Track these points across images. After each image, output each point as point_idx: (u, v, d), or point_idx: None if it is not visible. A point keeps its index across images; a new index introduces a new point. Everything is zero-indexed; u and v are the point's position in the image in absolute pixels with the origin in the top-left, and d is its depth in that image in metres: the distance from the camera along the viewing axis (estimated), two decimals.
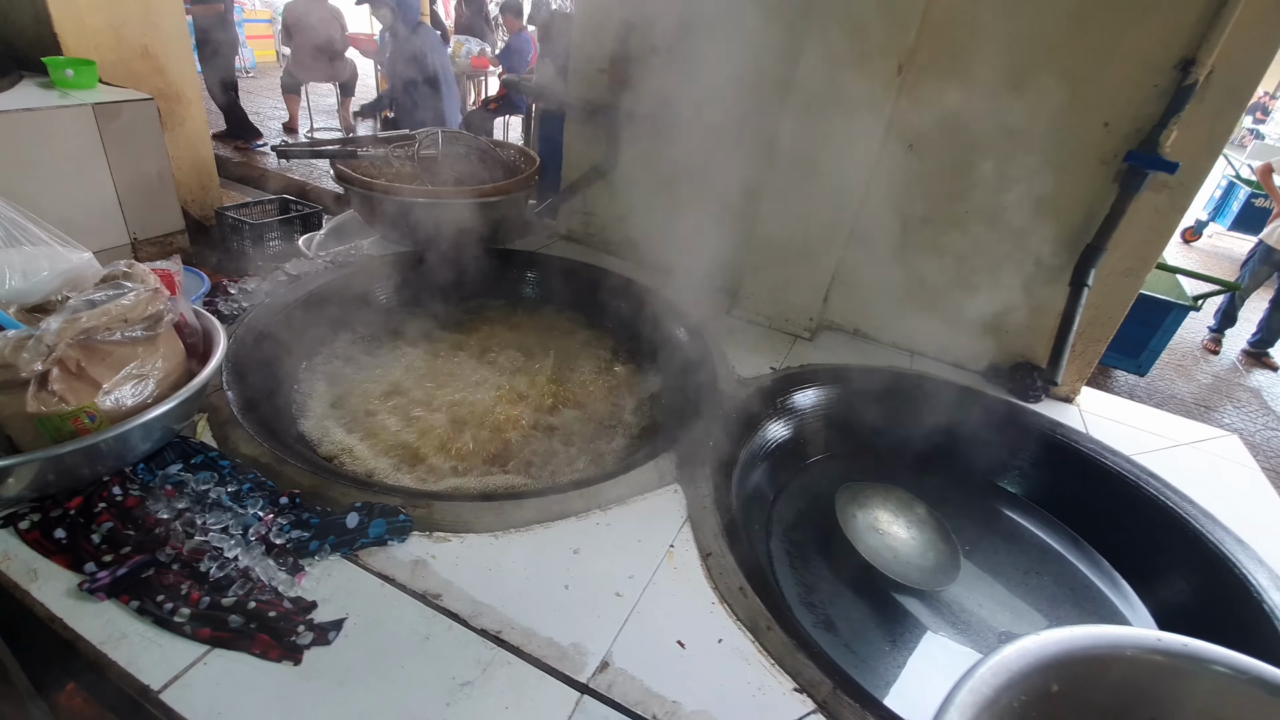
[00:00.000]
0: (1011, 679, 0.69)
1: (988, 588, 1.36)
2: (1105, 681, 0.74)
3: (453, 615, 0.91)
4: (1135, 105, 1.43)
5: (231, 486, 1.03)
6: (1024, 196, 1.58)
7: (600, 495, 1.15)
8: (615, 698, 0.84)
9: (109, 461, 1.00)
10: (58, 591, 0.87)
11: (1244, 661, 0.69)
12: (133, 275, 1.06)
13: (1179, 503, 1.41)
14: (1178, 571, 1.34)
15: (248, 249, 4.04)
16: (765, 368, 1.65)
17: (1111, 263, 1.56)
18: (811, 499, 1.48)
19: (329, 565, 0.96)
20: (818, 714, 0.86)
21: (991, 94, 1.53)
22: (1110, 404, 1.78)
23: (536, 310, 1.97)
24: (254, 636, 0.83)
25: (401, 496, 1.07)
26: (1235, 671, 0.69)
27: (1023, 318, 1.71)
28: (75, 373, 0.95)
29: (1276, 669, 0.68)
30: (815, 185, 1.67)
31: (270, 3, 9.63)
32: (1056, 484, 1.56)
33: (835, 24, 1.51)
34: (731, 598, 1.00)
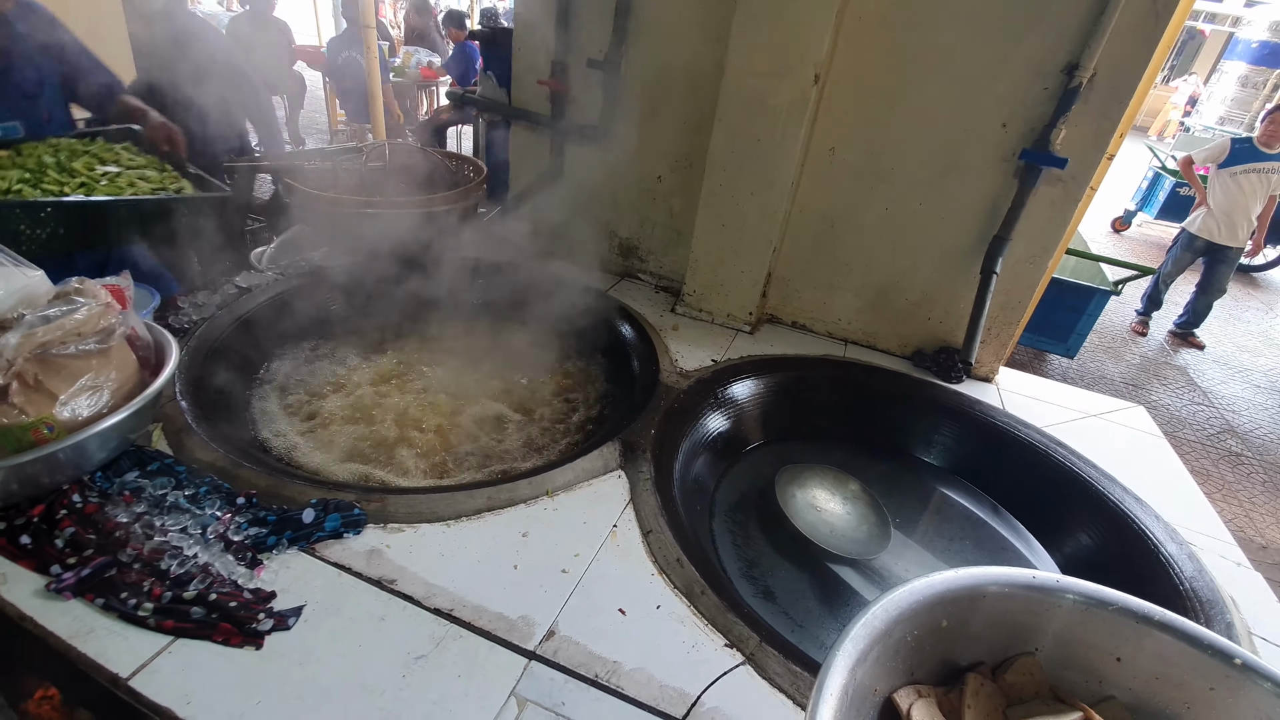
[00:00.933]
0: (902, 614, 0.79)
1: (915, 554, 1.48)
2: (983, 615, 0.85)
3: (407, 597, 0.98)
4: (1028, 107, 1.58)
5: (189, 490, 1.08)
6: (936, 193, 1.72)
7: (548, 482, 1.22)
8: (561, 661, 0.91)
9: (68, 470, 1.04)
10: (26, 593, 0.91)
11: (1090, 588, 0.80)
12: (84, 291, 1.10)
13: (1084, 468, 1.55)
14: (1083, 529, 1.48)
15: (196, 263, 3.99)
16: (707, 360, 1.75)
17: (1017, 251, 1.70)
18: (752, 482, 1.57)
19: (287, 559, 1.01)
20: (746, 665, 0.95)
21: (900, 99, 1.66)
22: (1026, 382, 1.92)
23: (488, 314, 2.03)
24: (216, 625, 0.88)
25: (355, 492, 1.13)
26: (1085, 598, 0.80)
27: (943, 305, 1.84)
28: (33, 385, 0.99)
29: (1114, 591, 0.79)
30: (746, 187, 1.78)
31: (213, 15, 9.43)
32: (976, 456, 1.69)
33: (756, 35, 1.61)
34: (669, 568, 1.08)
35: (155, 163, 1.71)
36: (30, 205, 1.39)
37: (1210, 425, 4.39)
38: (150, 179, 1.62)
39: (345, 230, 1.88)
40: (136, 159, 1.69)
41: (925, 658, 0.84)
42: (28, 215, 1.38)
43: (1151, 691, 0.80)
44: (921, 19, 1.58)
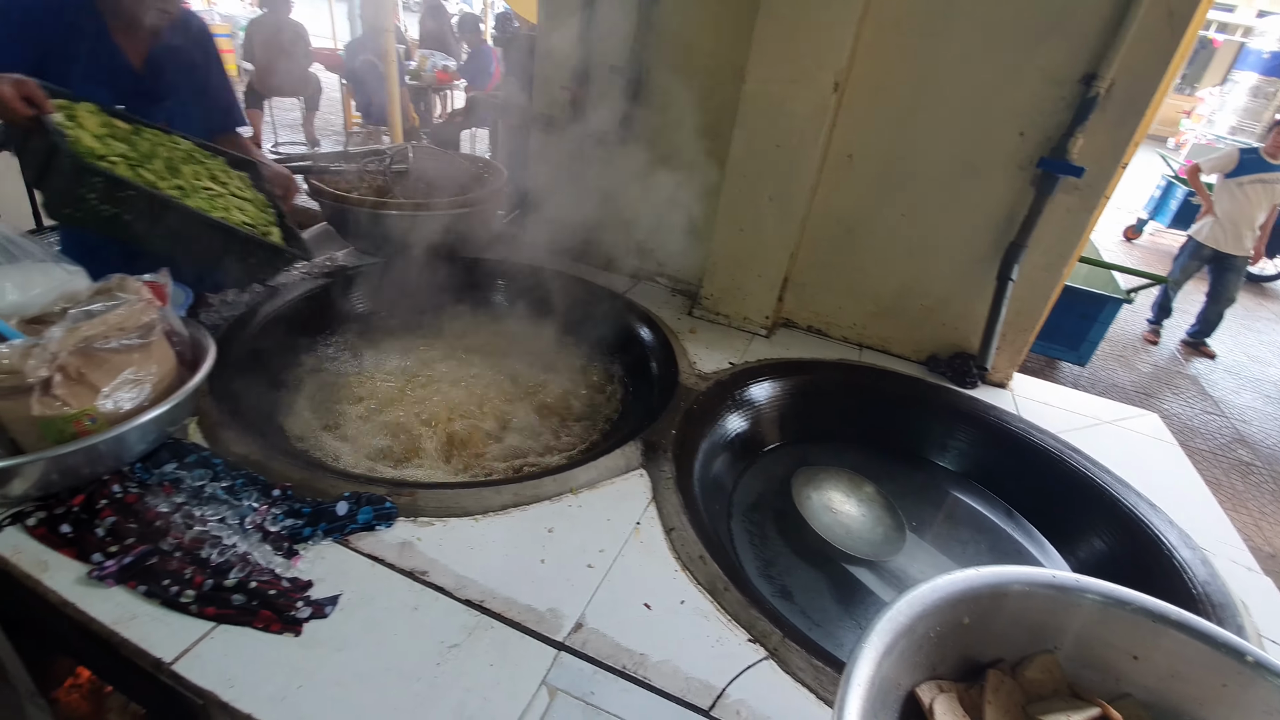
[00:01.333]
0: (925, 610, 0.81)
1: (930, 556, 1.49)
2: (1005, 613, 0.87)
3: (438, 588, 1.00)
4: (1046, 116, 1.59)
5: (225, 482, 1.11)
6: (953, 200, 1.74)
7: (572, 480, 1.25)
8: (589, 653, 0.93)
9: (108, 461, 1.07)
10: (68, 580, 0.94)
11: (1111, 588, 0.82)
12: (125, 287, 1.13)
13: (1098, 473, 1.56)
14: (1097, 534, 1.49)
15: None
16: (725, 363, 1.77)
17: (1033, 258, 1.72)
18: (769, 483, 1.59)
19: (322, 549, 1.04)
20: (769, 660, 0.97)
21: (918, 106, 1.68)
22: (1041, 388, 1.94)
23: (506, 315, 2.06)
24: (256, 612, 0.91)
25: (386, 486, 1.16)
26: (1104, 597, 0.82)
27: (959, 311, 1.86)
28: (76, 378, 1.02)
29: (1134, 591, 0.81)
30: (764, 192, 1.80)
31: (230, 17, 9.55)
32: (991, 461, 1.70)
33: (777, 43, 1.64)
34: (692, 565, 1.10)
35: (262, 202, 1.64)
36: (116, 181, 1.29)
37: (1221, 435, 4.38)
38: (247, 213, 1.54)
39: (369, 230, 1.92)
40: (245, 191, 1.62)
41: (947, 654, 0.86)
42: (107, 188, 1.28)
43: (1167, 689, 0.82)
44: (940, 27, 1.60)
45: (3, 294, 1.08)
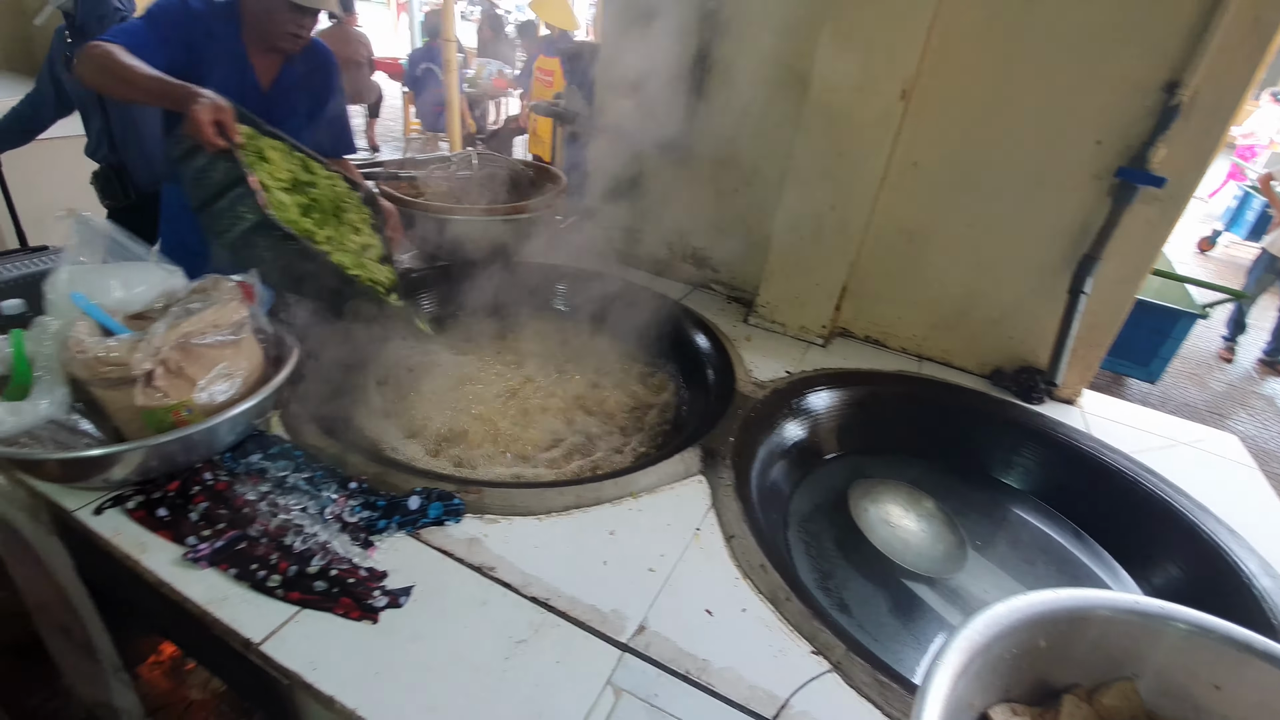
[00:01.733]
0: (1002, 631, 0.79)
1: (993, 576, 1.45)
2: (1085, 638, 0.84)
3: (506, 585, 1.03)
4: (1125, 124, 1.54)
5: (306, 473, 1.16)
6: (1023, 209, 1.69)
7: (632, 484, 1.26)
8: (653, 655, 0.95)
9: (201, 451, 1.13)
10: (165, 561, 1.00)
11: (1198, 617, 0.78)
12: (219, 287, 1.20)
13: (1174, 496, 1.49)
14: (1172, 560, 1.42)
15: None
16: (781, 371, 1.76)
17: (1107, 271, 1.66)
18: (826, 493, 1.58)
19: (395, 541, 1.08)
20: (833, 673, 0.96)
21: (988, 114, 1.64)
22: (1112, 406, 1.86)
23: (566, 319, 2.10)
24: (337, 599, 0.95)
25: (455, 483, 1.20)
26: (1192, 626, 0.79)
27: (1025, 324, 1.81)
28: (175, 371, 1.09)
29: (1226, 622, 0.78)
30: (826, 200, 1.79)
31: None
32: (1058, 480, 1.65)
33: (844, 50, 1.63)
34: (753, 574, 1.10)
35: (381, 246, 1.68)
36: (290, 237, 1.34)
37: None
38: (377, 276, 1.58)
39: (434, 234, 1.98)
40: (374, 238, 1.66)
41: (1021, 676, 0.84)
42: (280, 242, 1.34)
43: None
44: (1015, 34, 1.56)
45: (110, 291, 1.15)
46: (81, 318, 1.08)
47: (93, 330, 1.08)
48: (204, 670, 1.49)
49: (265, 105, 1.74)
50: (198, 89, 1.34)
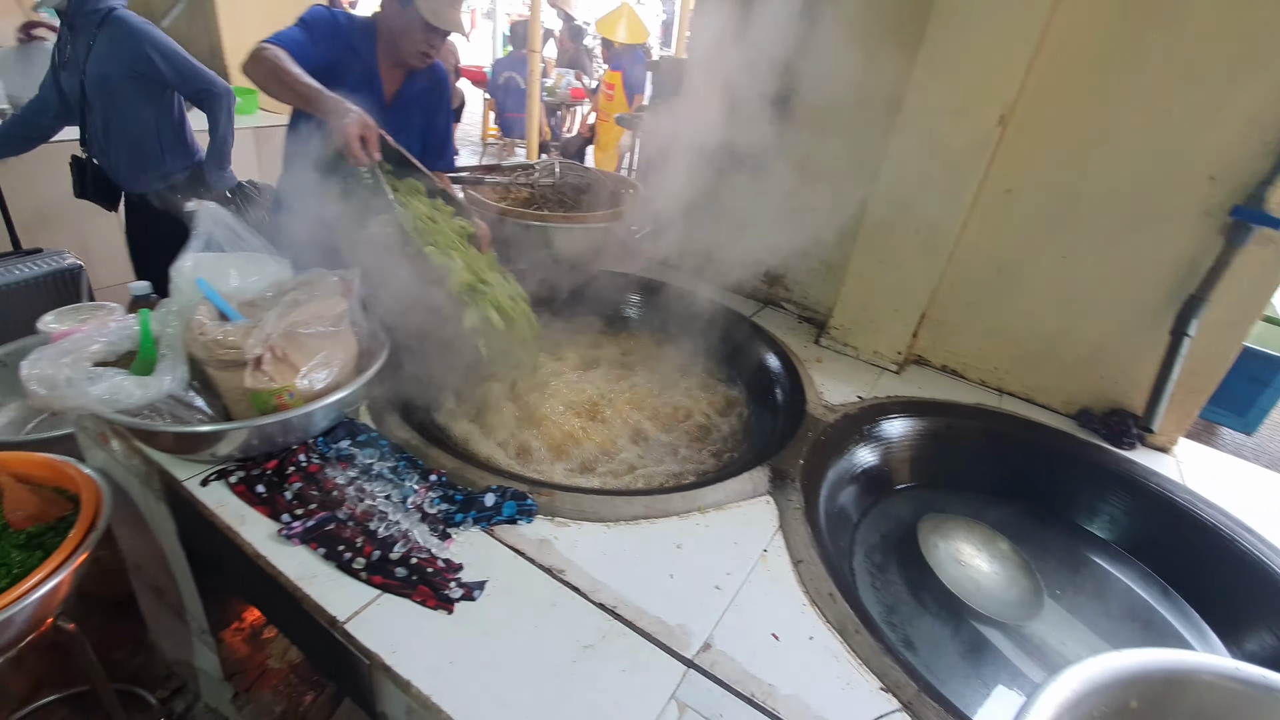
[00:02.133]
0: (1092, 688, 0.75)
1: (1071, 628, 1.38)
2: (1182, 704, 0.79)
3: (574, 588, 1.05)
4: (1242, 161, 1.45)
5: (390, 462, 1.22)
6: (1123, 245, 1.62)
7: (699, 499, 1.26)
8: (718, 675, 0.94)
9: (297, 434, 1.20)
10: (261, 535, 1.06)
11: None
12: (323, 281, 1.27)
13: (1276, 559, 1.38)
14: (1269, 626, 1.32)
15: None
16: (853, 396, 1.73)
17: (1215, 314, 1.56)
18: (894, 524, 1.53)
19: (470, 535, 1.11)
20: (902, 713, 0.93)
21: (1091, 143, 1.58)
22: (1211, 457, 1.75)
23: (637, 329, 2.13)
24: (416, 586, 0.99)
25: (528, 484, 1.23)
26: None
27: (1119, 364, 1.72)
28: (281, 358, 1.16)
29: None
30: (911, 226, 1.75)
31: None
32: (1147, 532, 1.55)
33: (940, 73, 1.60)
34: (821, 601, 1.09)
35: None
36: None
37: None
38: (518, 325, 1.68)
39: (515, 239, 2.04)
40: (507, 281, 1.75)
41: None
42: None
43: None
44: (1125, 62, 1.50)
45: (228, 279, 1.24)
46: (203, 302, 1.17)
47: (212, 314, 1.17)
48: (281, 641, 1.57)
49: (385, 117, 1.84)
50: (348, 104, 1.45)
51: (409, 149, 1.71)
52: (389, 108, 1.91)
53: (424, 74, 1.93)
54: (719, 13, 1.97)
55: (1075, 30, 1.51)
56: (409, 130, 1.93)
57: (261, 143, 3.63)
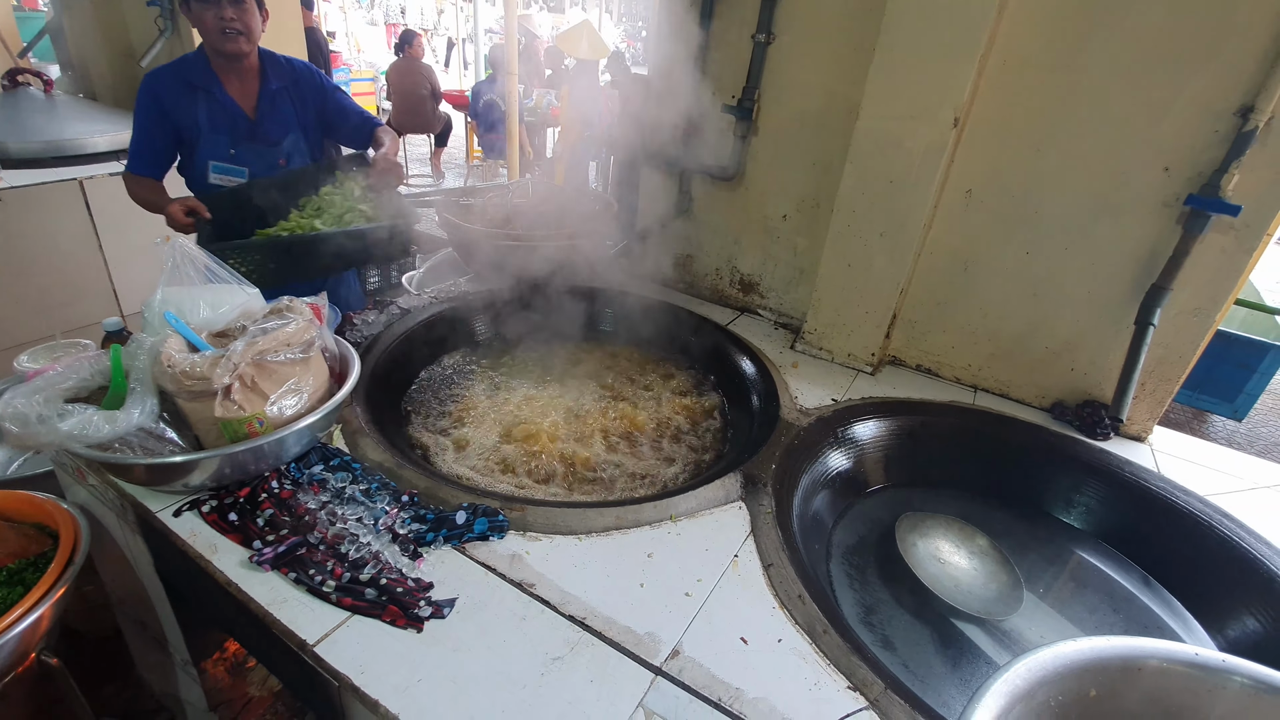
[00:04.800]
0: (1046, 677, 0.76)
1: (1051, 620, 1.38)
2: (1139, 689, 0.80)
3: (544, 601, 1.05)
4: (1195, 151, 1.48)
5: (362, 485, 1.23)
6: (1085, 238, 1.64)
7: (672, 507, 1.27)
8: (685, 681, 0.95)
9: (269, 460, 1.22)
10: (232, 562, 1.07)
11: (1262, 672, 0.74)
12: (293, 308, 1.29)
13: (1253, 543, 1.39)
14: (1250, 611, 1.33)
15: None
16: (827, 399, 1.75)
17: (1179, 302, 1.58)
18: (871, 525, 1.54)
19: (442, 554, 1.12)
20: (869, 710, 0.94)
21: (1046, 141, 1.61)
22: (1186, 444, 1.76)
23: (614, 342, 2.14)
24: (385, 607, 1.00)
25: (500, 500, 1.24)
26: (1255, 682, 0.74)
27: (1089, 356, 1.74)
28: (250, 386, 1.18)
29: None
30: (875, 228, 1.78)
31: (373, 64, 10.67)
32: (1125, 521, 1.56)
33: (894, 79, 1.63)
34: (791, 604, 1.10)
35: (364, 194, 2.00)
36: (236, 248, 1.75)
37: None
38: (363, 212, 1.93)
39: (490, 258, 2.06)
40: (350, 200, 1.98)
41: None
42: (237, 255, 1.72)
43: None
44: (1074, 61, 1.53)
45: (198, 311, 1.26)
46: (172, 335, 1.19)
47: (181, 347, 1.18)
48: (262, 669, 1.57)
49: (257, 130, 2.04)
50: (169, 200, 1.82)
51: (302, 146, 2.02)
52: (256, 120, 2.03)
53: (278, 73, 2.06)
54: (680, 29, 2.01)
55: (1023, 32, 1.55)
56: (293, 129, 2.09)
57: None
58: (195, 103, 1.98)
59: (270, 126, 2.08)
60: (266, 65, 2.10)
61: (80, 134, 2.98)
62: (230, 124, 2.03)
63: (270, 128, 2.08)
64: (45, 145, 2.87)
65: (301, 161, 2.18)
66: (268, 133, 2.08)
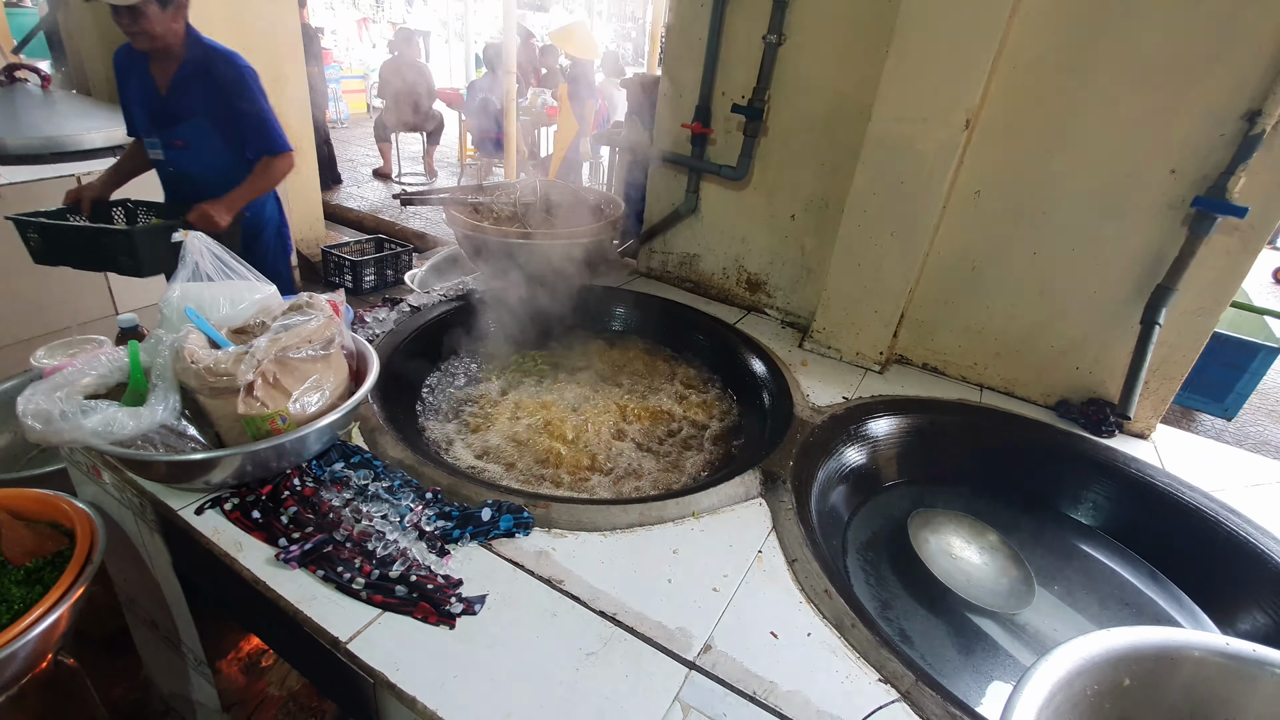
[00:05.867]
0: (1084, 666, 0.78)
1: (1064, 614, 1.41)
2: (1175, 680, 0.82)
3: (574, 598, 1.06)
4: (1202, 154, 1.51)
5: (385, 482, 1.22)
6: (1092, 239, 1.67)
7: (694, 504, 1.28)
8: (719, 674, 0.96)
9: (291, 458, 1.21)
10: (259, 560, 1.06)
11: None
12: (314, 305, 1.29)
13: (1260, 538, 1.42)
14: (1259, 605, 1.36)
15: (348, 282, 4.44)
16: (839, 397, 1.76)
17: (1184, 302, 1.61)
18: (884, 521, 1.56)
19: (469, 551, 1.12)
20: (901, 703, 0.95)
21: (1055, 143, 1.63)
22: (1188, 441, 1.79)
23: (624, 340, 2.15)
24: (416, 604, 0.99)
25: (523, 497, 1.24)
26: None
27: (1094, 355, 1.77)
28: (273, 383, 1.17)
29: None
30: (886, 228, 1.79)
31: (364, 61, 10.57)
32: (1132, 517, 1.59)
33: (906, 81, 1.65)
34: (817, 598, 1.11)
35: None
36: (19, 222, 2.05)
37: None
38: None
39: (497, 257, 2.06)
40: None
41: (1103, 715, 0.82)
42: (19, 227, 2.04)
43: None
44: (1084, 63, 1.56)
45: (218, 308, 1.25)
46: (193, 331, 1.18)
47: (203, 343, 1.17)
48: (280, 667, 1.56)
49: (165, 104, 2.24)
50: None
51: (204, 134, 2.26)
52: (166, 97, 2.23)
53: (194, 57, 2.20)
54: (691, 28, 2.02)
55: (1033, 35, 1.57)
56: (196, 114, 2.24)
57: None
58: (131, 76, 2.27)
59: (175, 107, 2.24)
60: (188, 49, 2.20)
61: (78, 130, 2.95)
62: (146, 99, 2.26)
63: (175, 108, 2.24)
64: (44, 141, 2.85)
65: (207, 148, 2.31)
66: (173, 112, 2.25)
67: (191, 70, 2.21)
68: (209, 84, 2.22)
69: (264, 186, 2.32)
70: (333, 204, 6.22)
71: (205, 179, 2.32)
